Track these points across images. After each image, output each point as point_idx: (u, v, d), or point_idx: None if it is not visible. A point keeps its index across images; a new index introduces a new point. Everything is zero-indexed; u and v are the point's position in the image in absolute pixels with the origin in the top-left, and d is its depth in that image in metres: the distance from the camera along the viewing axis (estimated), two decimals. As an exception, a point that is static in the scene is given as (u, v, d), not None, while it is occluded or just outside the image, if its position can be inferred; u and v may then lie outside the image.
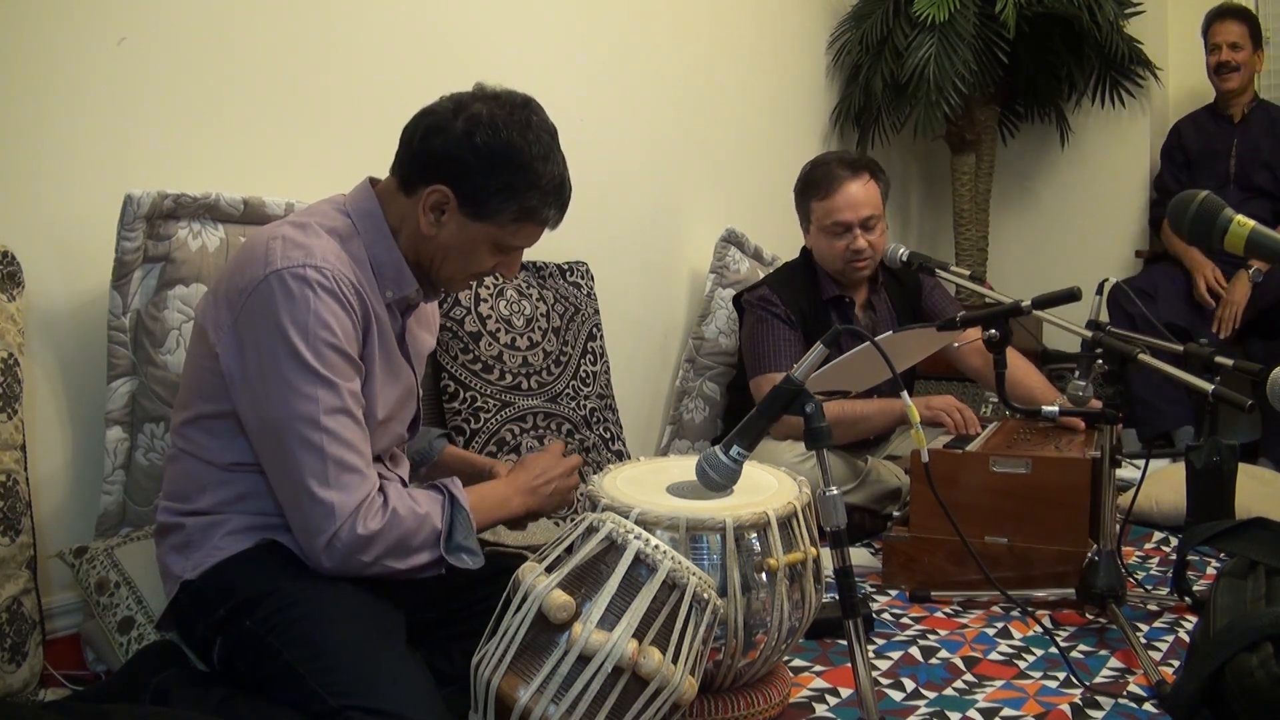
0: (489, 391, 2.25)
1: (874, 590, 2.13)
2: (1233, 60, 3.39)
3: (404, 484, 1.61)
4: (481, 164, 1.39)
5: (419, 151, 1.42)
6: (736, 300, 2.77)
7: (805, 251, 2.69)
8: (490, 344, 2.29)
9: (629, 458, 2.54)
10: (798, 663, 1.75)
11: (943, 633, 1.90)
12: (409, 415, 1.59)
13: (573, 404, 2.40)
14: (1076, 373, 1.87)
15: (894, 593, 2.11)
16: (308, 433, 1.32)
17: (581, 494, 1.62)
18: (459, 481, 1.49)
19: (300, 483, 1.32)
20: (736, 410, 2.84)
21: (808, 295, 2.59)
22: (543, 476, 1.59)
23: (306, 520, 1.33)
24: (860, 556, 2.34)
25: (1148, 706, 1.58)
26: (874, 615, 1.95)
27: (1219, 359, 1.80)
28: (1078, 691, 1.63)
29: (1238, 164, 3.45)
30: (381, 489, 1.39)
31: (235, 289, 1.37)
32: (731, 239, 3.02)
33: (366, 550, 1.34)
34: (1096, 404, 1.90)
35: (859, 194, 2.48)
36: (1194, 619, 1.94)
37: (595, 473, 1.67)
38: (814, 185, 2.54)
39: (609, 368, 2.61)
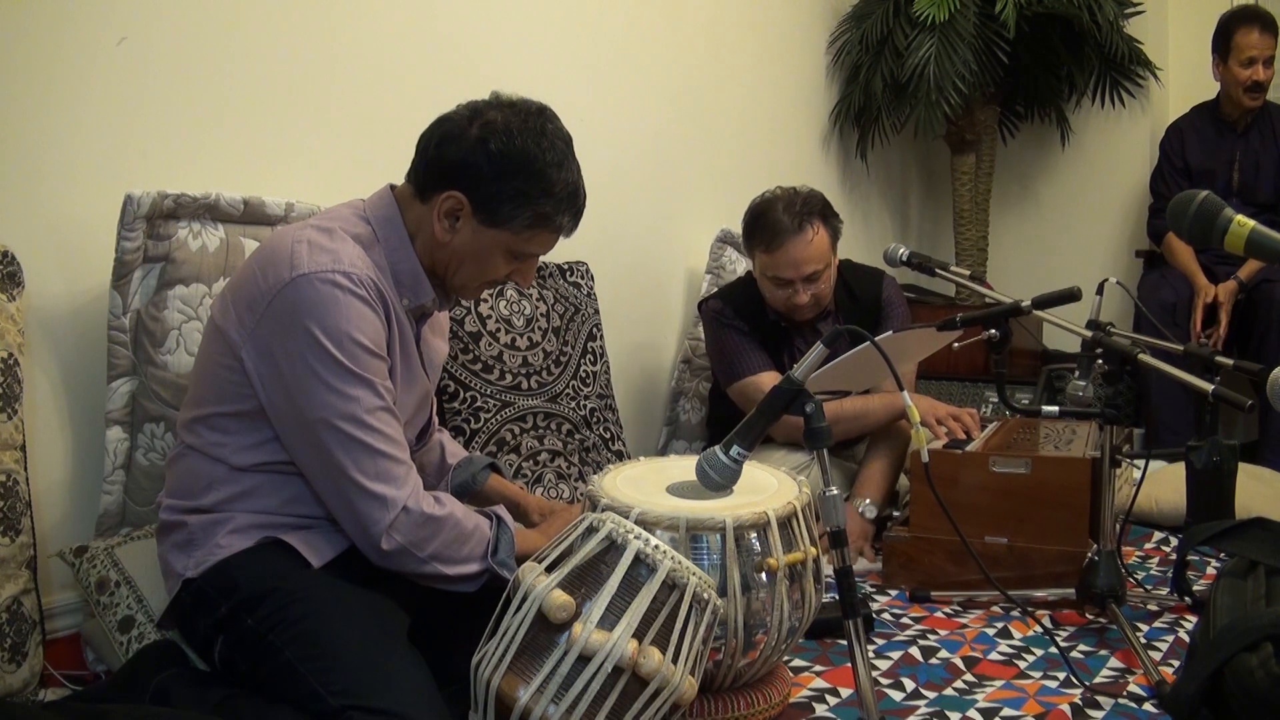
0: (489, 391, 2.25)
1: (874, 590, 2.13)
2: (1267, 80, 3.19)
3: None
4: (495, 170, 1.39)
5: (434, 158, 1.43)
6: (701, 305, 2.69)
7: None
8: (490, 344, 2.29)
9: (629, 458, 2.54)
10: (798, 663, 1.75)
11: (943, 633, 1.90)
12: (421, 421, 1.61)
13: (573, 404, 2.40)
14: (1076, 373, 1.87)
15: (894, 593, 2.11)
16: (354, 431, 1.33)
17: (581, 494, 1.63)
18: (505, 509, 1.53)
19: (350, 480, 1.33)
20: (717, 416, 2.73)
21: (755, 310, 2.52)
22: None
23: (360, 515, 1.35)
24: (860, 556, 2.34)
25: (1148, 706, 1.57)
26: (874, 615, 1.95)
27: (1219, 359, 1.80)
28: (1078, 691, 1.63)
29: (1241, 176, 3.35)
30: (434, 494, 1.42)
31: (259, 291, 1.36)
32: (727, 239, 3.01)
33: (423, 542, 1.36)
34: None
35: (802, 253, 2.34)
36: (1194, 619, 1.94)
37: (595, 473, 1.67)
38: (757, 235, 2.41)
39: (609, 368, 2.61)
